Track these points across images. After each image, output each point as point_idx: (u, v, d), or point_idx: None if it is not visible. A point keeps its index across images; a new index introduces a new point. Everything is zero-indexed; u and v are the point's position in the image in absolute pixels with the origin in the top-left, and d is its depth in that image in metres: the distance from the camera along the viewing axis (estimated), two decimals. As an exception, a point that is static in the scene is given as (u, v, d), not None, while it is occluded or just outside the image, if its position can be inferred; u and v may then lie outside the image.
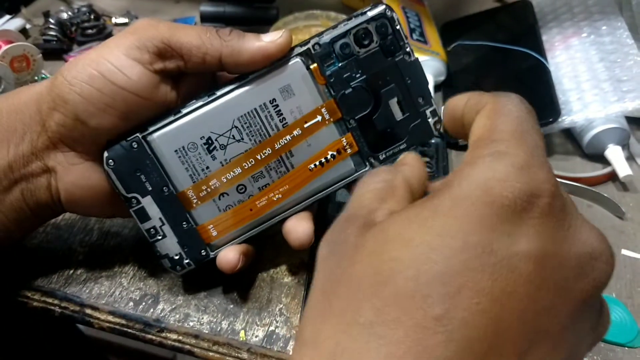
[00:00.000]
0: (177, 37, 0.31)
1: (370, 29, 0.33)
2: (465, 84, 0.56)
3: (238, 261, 0.34)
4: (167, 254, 0.35)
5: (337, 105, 0.34)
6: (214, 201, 0.34)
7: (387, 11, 0.33)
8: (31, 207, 0.34)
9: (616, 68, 0.50)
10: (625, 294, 0.38)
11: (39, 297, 0.38)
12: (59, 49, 0.64)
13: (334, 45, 0.33)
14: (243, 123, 0.33)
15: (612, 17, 0.55)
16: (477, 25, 0.63)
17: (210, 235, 0.35)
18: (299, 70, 0.33)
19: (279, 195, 0.35)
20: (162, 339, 0.36)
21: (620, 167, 0.46)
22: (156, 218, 0.34)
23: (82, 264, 0.40)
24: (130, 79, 0.31)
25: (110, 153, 0.33)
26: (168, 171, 0.34)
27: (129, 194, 0.34)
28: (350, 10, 0.72)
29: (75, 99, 0.31)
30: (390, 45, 0.33)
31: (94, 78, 0.31)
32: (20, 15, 0.71)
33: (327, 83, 0.33)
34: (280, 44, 0.32)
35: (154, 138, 0.33)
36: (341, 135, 0.34)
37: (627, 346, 0.35)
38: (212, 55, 0.32)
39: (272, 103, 0.33)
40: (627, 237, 0.43)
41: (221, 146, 0.33)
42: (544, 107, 0.48)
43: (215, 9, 0.67)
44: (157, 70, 0.32)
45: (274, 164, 0.34)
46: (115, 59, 0.31)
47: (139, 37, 0.31)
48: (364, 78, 0.33)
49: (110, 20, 0.71)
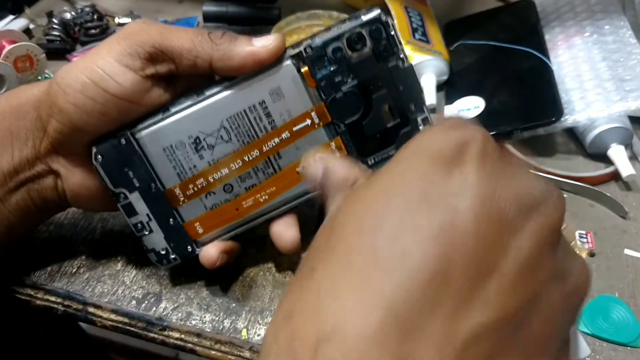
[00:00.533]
0: (168, 40, 0.32)
1: (363, 33, 0.32)
2: (467, 84, 0.56)
3: (217, 259, 0.34)
4: (154, 249, 0.35)
5: (327, 109, 0.33)
6: (200, 199, 0.35)
7: (381, 16, 0.32)
8: (37, 204, 0.35)
9: (619, 67, 0.50)
10: (627, 293, 0.38)
11: (41, 296, 0.38)
12: (63, 49, 0.64)
13: (326, 48, 0.32)
14: (232, 124, 0.33)
15: (614, 17, 0.55)
16: (479, 25, 0.63)
17: (197, 232, 0.35)
18: (290, 72, 0.33)
19: (265, 196, 0.35)
20: (165, 338, 0.36)
21: (623, 166, 0.46)
22: (143, 214, 0.35)
23: (85, 262, 0.40)
24: (123, 86, 0.31)
25: (98, 148, 0.33)
26: (156, 168, 0.34)
27: (116, 189, 0.34)
28: (352, 9, 0.72)
29: (70, 108, 0.31)
30: (383, 50, 0.33)
31: (87, 87, 0.31)
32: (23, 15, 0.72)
33: (318, 86, 0.33)
34: (272, 49, 0.32)
35: (142, 135, 0.33)
36: (330, 139, 0.34)
37: (630, 346, 0.35)
38: (203, 59, 0.32)
39: (262, 105, 0.33)
40: (629, 237, 0.42)
41: (209, 146, 0.33)
42: (546, 107, 0.48)
43: (217, 9, 0.67)
44: (149, 75, 0.32)
45: (261, 165, 0.34)
46: (108, 66, 0.31)
47: (131, 42, 0.32)
48: (355, 83, 0.33)
49: (114, 20, 0.71)
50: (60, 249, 0.41)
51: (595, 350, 0.35)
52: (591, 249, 0.41)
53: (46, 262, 0.40)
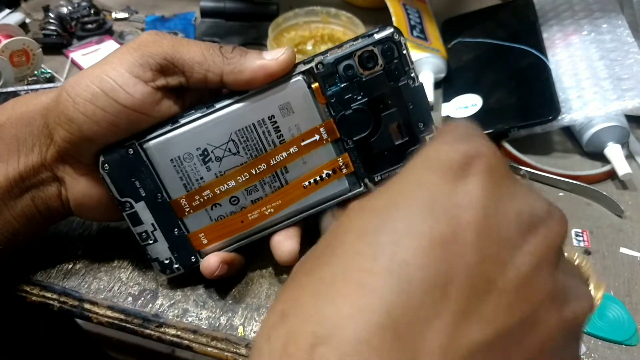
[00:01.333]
0: (180, 53, 0.31)
1: (376, 51, 0.32)
2: (465, 81, 0.56)
3: (217, 268, 0.34)
4: (158, 258, 0.35)
5: (336, 125, 0.33)
6: (206, 211, 0.35)
7: (394, 35, 0.32)
8: (42, 212, 0.35)
9: (616, 66, 0.50)
10: (623, 292, 0.38)
11: (37, 292, 0.38)
12: (59, 44, 0.64)
13: (338, 65, 0.32)
14: (240, 137, 0.33)
15: (612, 15, 0.55)
16: (477, 23, 0.63)
17: (201, 243, 0.35)
18: (301, 88, 0.33)
19: (271, 209, 0.35)
20: (161, 334, 0.36)
21: (620, 165, 0.46)
22: (148, 223, 0.34)
23: (81, 258, 0.40)
24: (133, 97, 0.31)
25: (106, 157, 0.33)
26: (162, 179, 0.34)
27: (122, 198, 0.34)
28: (350, 6, 0.72)
29: (79, 117, 0.31)
30: (395, 69, 0.33)
31: (97, 96, 0.31)
32: (19, 9, 0.71)
33: (328, 103, 0.33)
34: (282, 61, 0.32)
35: (150, 146, 0.33)
36: (338, 155, 0.34)
37: (625, 344, 0.35)
38: (214, 73, 0.32)
39: (271, 119, 0.33)
40: (625, 236, 0.43)
41: (217, 158, 0.33)
42: (543, 105, 0.48)
43: (215, 4, 0.67)
44: (160, 86, 0.32)
45: (268, 178, 0.34)
46: (119, 77, 0.31)
47: (142, 53, 0.31)
48: (365, 100, 0.33)
49: (110, 15, 0.71)
50: (56, 245, 0.41)
51: (590, 348, 0.35)
52: (587, 248, 0.41)
53: (42, 258, 0.40)
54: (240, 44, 0.64)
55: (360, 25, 0.56)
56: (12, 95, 0.54)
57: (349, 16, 0.58)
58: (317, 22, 0.59)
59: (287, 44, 0.58)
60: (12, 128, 0.33)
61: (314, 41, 0.58)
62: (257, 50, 0.33)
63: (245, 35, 0.66)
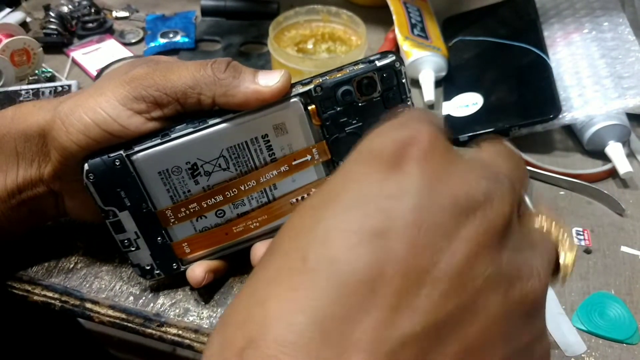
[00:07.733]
0: (171, 82, 0.32)
1: (375, 78, 0.32)
2: (466, 80, 0.56)
3: (203, 278, 0.35)
4: (139, 264, 0.35)
5: (329, 147, 0.34)
6: (191, 222, 0.34)
7: (395, 63, 0.32)
8: (39, 217, 0.36)
9: (617, 64, 0.50)
10: (624, 290, 0.38)
11: (39, 291, 0.38)
12: (60, 43, 0.64)
13: (336, 90, 0.32)
14: (231, 153, 0.33)
15: (614, 14, 0.55)
16: (478, 21, 0.63)
17: (184, 252, 0.35)
18: (297, 110, 0.33)
19: (256, 223, 0.35)
20: (162, 334, 0.36)
21: (621, 164, 0.46)
22: (132, 232, 0.34)
23: (82, 258, 0.40)
24: (127, 129, 0.32)
25: (90, 167, 0.32)
26: (149, 190, 0.33)
27: (106, 206, 0.33)
28: (351, 5, 0.72)
29: (72, 146, 0.32)
30: (392, 97, 0.33)
31: (90, 128, 0.31)
32: (20, 8, 0.71)
33: (322, 125, 0.33)
34: (277, 90, 0.32)
35: (137, 158, 0.32)
36: (327, 175, 0.34)
37: (626, 343, 0.35)
38: (206, 95, 0.32)
39: (264, 138, 0.33)
40: (626, 234, 0.43)
41: (206, 172, 0.33)
42: (544, 103, 0.48)
43: (216, 3, 0.67)
44: (156, 117, 0.32)
45: (256, 194, 0.34)
46: (111, 110, 0.31)
47: (135, 86, 0.32)
48: (360, 125, 0.33)
49: (111, 14, 0.71)
50: (57, 244, 0.41)
51: (591, 347, 0.35)
52: (588, 246, 0.41)
53: (44, 257, 0.40)
54: (241, 43, 0.64)
55: (361, 24, 0.56)
56: (13, 94, 0.54)
57: (349, 15, 0.58)
58: (318, 21, 0.59)
59: (287, 42, 0.57)
60: (12, 142, 0.33)
61: (314, 40, 0.58)
62: (251, 70, 0.32)
63: (245, 34, 0.66)
